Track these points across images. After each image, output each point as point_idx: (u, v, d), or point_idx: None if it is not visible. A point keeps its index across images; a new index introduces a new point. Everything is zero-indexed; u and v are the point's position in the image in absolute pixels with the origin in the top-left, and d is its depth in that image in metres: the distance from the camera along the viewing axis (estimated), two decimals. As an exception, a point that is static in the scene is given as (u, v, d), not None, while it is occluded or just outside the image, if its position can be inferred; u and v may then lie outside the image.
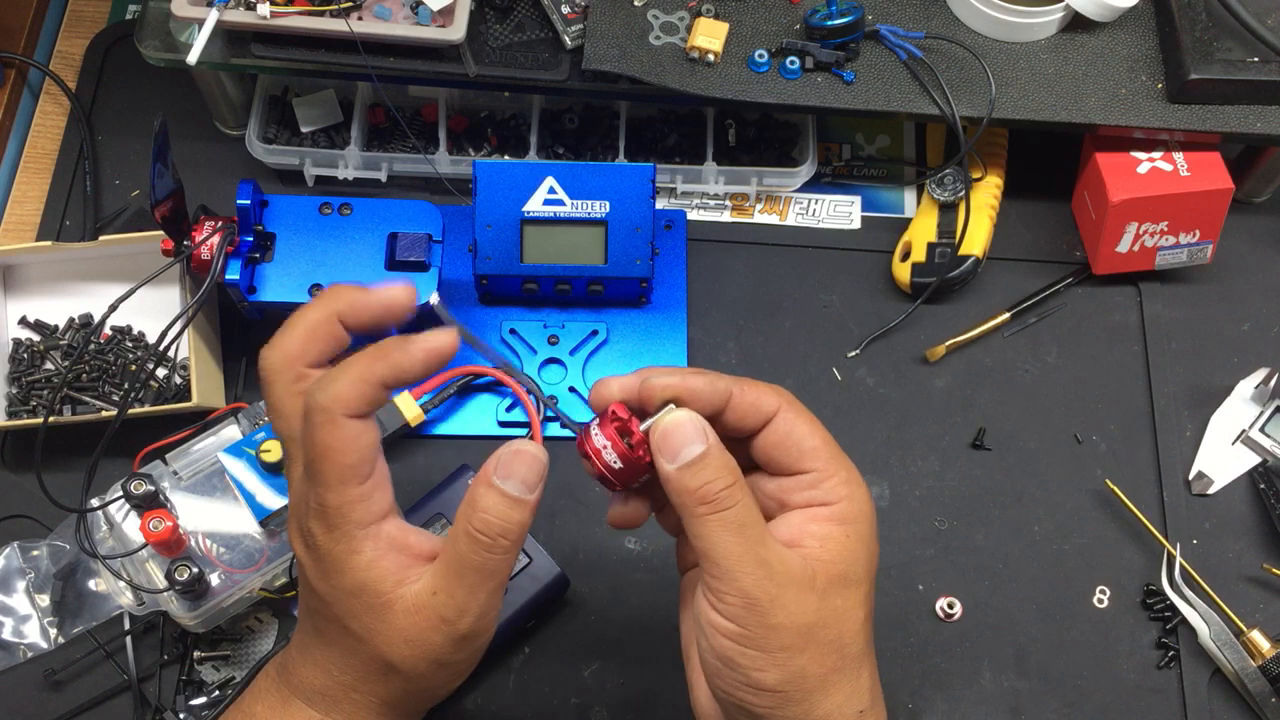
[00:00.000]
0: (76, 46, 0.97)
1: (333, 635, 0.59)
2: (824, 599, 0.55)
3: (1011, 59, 0.84)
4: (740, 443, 0.59)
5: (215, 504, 0.74)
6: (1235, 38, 0.81)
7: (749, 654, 0.54)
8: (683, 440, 0.55)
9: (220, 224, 0.73)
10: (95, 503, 0.73)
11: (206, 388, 0.80)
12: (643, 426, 0.56)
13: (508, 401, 0.83)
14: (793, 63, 0.82)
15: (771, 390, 0.58)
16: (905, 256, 0.87)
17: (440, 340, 0.56)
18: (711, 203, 0.91)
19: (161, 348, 0.72)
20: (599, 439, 0.56)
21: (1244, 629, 0.77)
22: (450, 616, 0.56)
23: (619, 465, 0.56)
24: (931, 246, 0.87)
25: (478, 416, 0.83)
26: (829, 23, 0.81)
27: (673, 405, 0.57)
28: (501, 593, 0.58)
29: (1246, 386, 0.84)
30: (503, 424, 0.82)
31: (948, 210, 0.88)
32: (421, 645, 0.57)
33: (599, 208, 0.81)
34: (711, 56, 0.82)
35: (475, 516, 0.55)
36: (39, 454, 0.69)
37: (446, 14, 0.81)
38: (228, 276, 0.72)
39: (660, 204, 0.90)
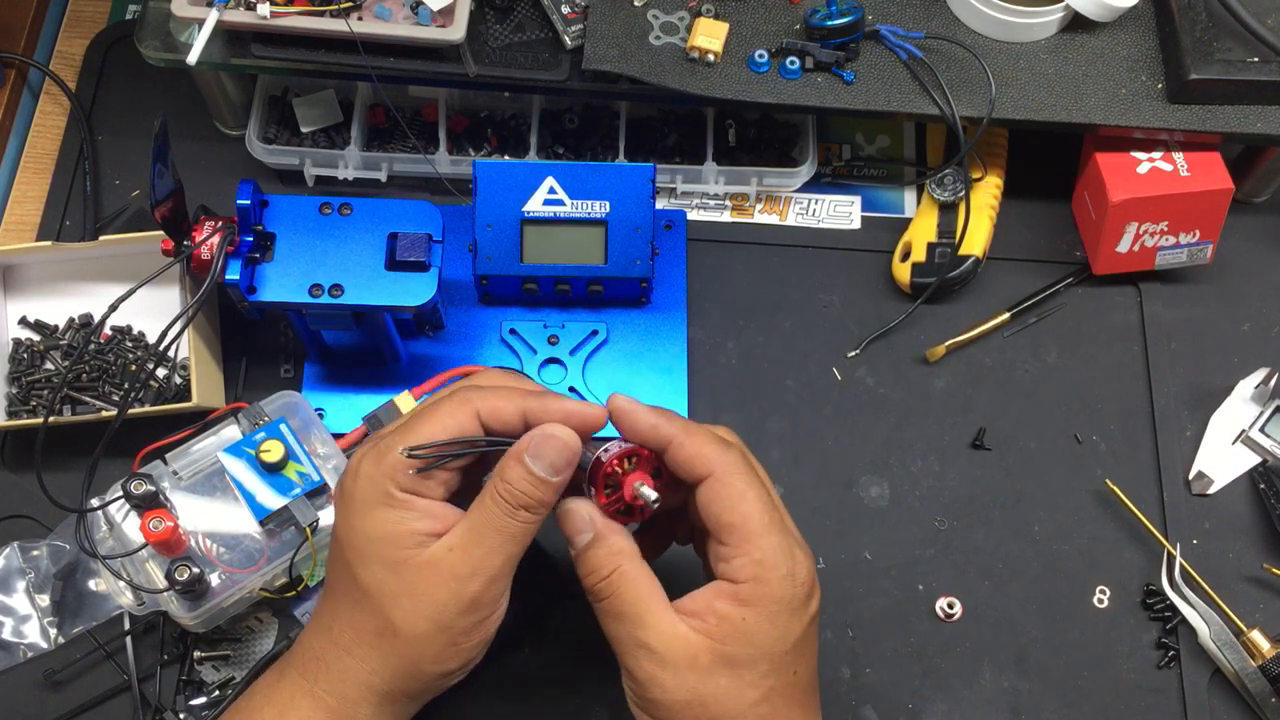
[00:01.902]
0: (76, 46, 0.97)
1: (341, 589, 0.60)
2: (706, 678, 0.57)
3: (1011, 59, 0.84)
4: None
5: (215, 504, 0.74)
6: (1235, 38, 0.81)
7: (644, 716, 0.60)
8: (573, 529, 0.59)
9: (220, 224, 0.73)
10: (95, 503, 0.72)
11: (206, 388, 0.80)
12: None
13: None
14: (793, 63, 0.82)
15: (716, 452, 0.59)
16: (905, 256, 0.87)
17: (590, 413, 0.60)
18: (711, 203, 0.91)
19: (161, 348, 0.72)
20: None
21: (1244, 629, 0.77)
22: (463, 574, 0.58)
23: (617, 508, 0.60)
24: (931, 246, 0.86)
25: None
26: (829, 23, 0.81)
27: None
28: (513, 568, 0.59)
29: (1246, 386, 0.84)
30: None
31: (948, 210, 0.87)
32: (426, 601, 0.58)
33: (599, 208, 0.81)
34: (711, 56, 0.82)
35: (500, 485, 0.58)
36: (39, 454, 0.69)
37: (446, 14, 0.81)
38: (228, 276, 0.72)
39: (660, 204, 0.90)
